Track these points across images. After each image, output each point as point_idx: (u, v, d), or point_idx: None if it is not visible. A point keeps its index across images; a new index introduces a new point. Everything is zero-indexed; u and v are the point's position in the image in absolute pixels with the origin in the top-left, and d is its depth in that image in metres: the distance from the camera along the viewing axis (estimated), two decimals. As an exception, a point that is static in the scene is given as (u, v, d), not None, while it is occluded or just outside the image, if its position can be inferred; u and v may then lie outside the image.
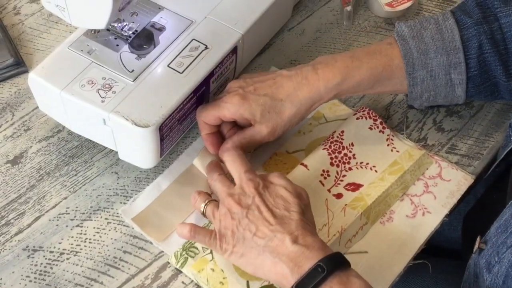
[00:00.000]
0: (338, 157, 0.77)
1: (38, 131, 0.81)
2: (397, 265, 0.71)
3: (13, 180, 0.77)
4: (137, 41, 0.75)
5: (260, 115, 0.73)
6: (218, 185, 0.70)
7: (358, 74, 0.74)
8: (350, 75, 0.74)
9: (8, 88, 0.85)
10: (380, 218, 0.74)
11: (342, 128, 0.79)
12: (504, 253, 0.64)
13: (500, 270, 0.64)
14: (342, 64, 0.74)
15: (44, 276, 0.70)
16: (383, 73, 0.74)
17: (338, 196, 0.75)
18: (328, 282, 0.60)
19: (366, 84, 0.75)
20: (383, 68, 0.74)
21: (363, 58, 0.74)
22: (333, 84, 0.73)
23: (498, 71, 0.74)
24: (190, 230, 0.69)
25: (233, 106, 0.72)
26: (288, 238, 0.63)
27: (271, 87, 0.74)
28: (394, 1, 0.91)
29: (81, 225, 0.74)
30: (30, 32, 0.90)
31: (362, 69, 0.74)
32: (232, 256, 0.66)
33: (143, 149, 0.72)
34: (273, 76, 0.75)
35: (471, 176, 0.77)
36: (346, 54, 0.76)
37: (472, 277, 0.70)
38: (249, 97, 0.73)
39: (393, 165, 0.77)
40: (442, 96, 0.76)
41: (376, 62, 0.74)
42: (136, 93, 0.71)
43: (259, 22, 0.80)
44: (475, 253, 0.70)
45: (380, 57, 0.75)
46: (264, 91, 0.73)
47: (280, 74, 0.75)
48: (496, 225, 0.68)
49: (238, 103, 0.72)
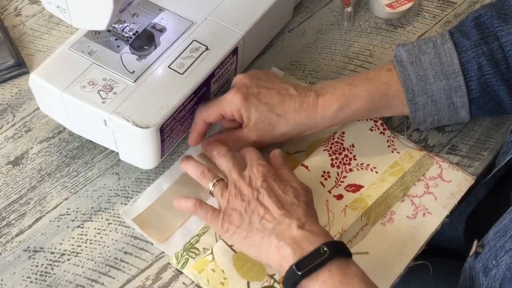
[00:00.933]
0: (338, 158, 0.77)
1: (39, 132, 0.81)
2: (398, 265, 0.71)
3: (14, 181, 0.77)
4: (138, 42, 0.75)
5: (254, 122, 0.73)
6: (227, 162, 0.70)
7: (354, 103, 0.74)
8: (347, 103, 0.74)
9: (9, 89, 0.85)
10: (381, 219, 0.74)
11: (343, 130, 0.79)
12: (502, 257, 0.64)
13: (498, 273, 0.64)
14: (340, 92, 0.74)
15: (45, 277, 0.70)
16: (380, 101, 0.75)
17: (338, 197, 0.75)
18: (328, 265, 0.60)
19: (363, 112, 0.75)
20: (380, 96, 0.75)
21: (361, 86, 0.74)
22: (330, 113, 0.74)
23: (501, 91, 0.74)
24: (194, 203, 0.69)
25: (234, 104, 0.73)
26: (295, 223, 0.64)
27: (273, 98, 0.74)
28: (395, 2, 0.91)
29: (82, 226, 0.74)
30: (31, 33, 0.90)
31: (359, 98, 0.74)
32: (235, 236, 0.66)
33: (144, 150, 0.72)
34: (279, 88, 0.75)
35: (472, 177, 0.77)
36: (345, 81, 0.76)
37: (467, 281, 0.70)
38: (251, 100, 0.73)
39: (393, 166, 0.77)
40: (446, 119, 0.76)
41: (374, 90, 0.74)
42: (137, 94, 0.71)
43: (260, 23, 0.80)
44: (471, 256, 0.70)
45: (378, 84, 0.75)
46: (266, 100, 0.73)
47: (287, 90, 0.75)
48: (494, 230, 0.68)
49: (239, 102, 0.73)
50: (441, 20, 0.93)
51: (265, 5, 0.81)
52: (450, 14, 0.94)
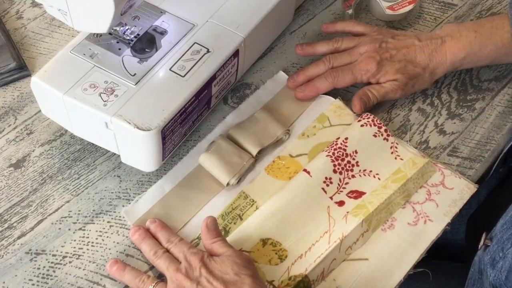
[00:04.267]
0: (341, 164, 0.77)
1: (40, 134, 0.81)
2: (398, 273, 0.70)
3: (16, 183, 0.77)
4: (139, 44, 0.75)
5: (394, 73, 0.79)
6: (164, 262, 0.67)
7: (479, 51, 0.78)
8: (472, 51, 0.78)
9: (10, 92, 0.85)
10: (382, 226, 0.74)
11: (346, 135, 0.79)
12: (509, 248, 0.64)
13: (504, 265, 0.64)
14: (466, 39, 0.79)
15: (46, 279, 0.70)
16: (502, 49, 0.78)
17: (340, 203, 0.75)
18: None
19: (485, 59, 0.80)
20: (502, 45, 0.78)
21: (486, 33, 0.78)
22: (457, 60, 0.79)
23: None
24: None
25: (369, 72, 0.79)
26: None
27: (405, 55, 0.80)
28: (396, 4, 0.91)
29: (83, 228, 0.74)
30: (32, 36, 0.90)
31: (484, 46, 0.78)
32: None
33: (145, 152, 0.72)
34: (406, 45, 0.81)
35: (474, 185, 0.77)
36: (470, 27, 0.80)
37: (476, 274, 0.70)
38: (385, 64, 0.79)
39: (396, 173, 0.77)
40: None
41: (497, 39, 0.78)
42: (138, 97, 0.71)
43: (261, 26, 0.80)
44: (480, 249, 0.70)
45: (502, 32, 0.78)
46: (399, 58, 0.80)
47: (413, 43, 0.81)
48: (501, 222, 0.68)
49: (375, 69, 0.79)
50: (442, 22, 0.93)
51: (266, 8, 0.81)
52: (451, 16, 0.94)
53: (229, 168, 0.76)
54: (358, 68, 0.80)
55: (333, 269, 0.71)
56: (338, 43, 0.84)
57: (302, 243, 0.72)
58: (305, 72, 0.83)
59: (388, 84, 0.80)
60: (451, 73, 0.88)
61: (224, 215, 0.74)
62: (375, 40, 0.82)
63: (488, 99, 0.86)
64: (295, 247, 0.71)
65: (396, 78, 0.80)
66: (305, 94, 0.82)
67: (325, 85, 0.81)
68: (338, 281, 0.70)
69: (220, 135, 0.79)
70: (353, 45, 0.83)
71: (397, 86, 0.80)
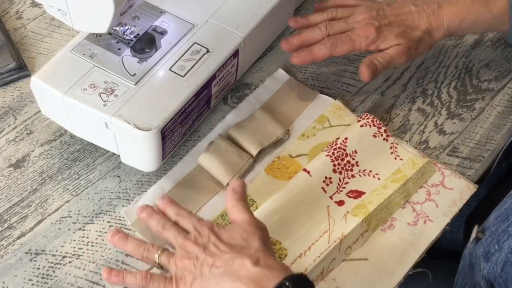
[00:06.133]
0: (341, 164, 0.77)
1: (40, 134, 0.81)
2: (397, 273, 0.70)
3: (15, 183, 0.77)
4: (139, 44, 0.75)
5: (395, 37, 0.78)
6: (172, 232, 0.67)
7: (475, 18, 0.78)
8: (468, 17, 0.78)
9: (10, 92, 0.85)
10: (381, 225, 0.74)
11: (345, 135, 0.79)
12: (505, 241, 0.64)
13: (500, 257, 0.64)
14: (463, 5, 0.78)
15: (46, 279, 0.70)
16: (498, 18, 0.78)
17: (340, 203, 0.75)
18: None
19: (480, 26, 0.80)
20: (498, 13, 0.78)
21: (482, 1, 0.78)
22: (454, 25, 0.79)
23: None
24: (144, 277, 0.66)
25: (368, 39, 0.77)
26: (248, 260, 0.60)
27: (403, 21, 0.79)
28: (395, 4, 0.91)
29: (83, 228, 0.74)
30: (32, 36, 0.90)
31: (480, 14, 0.78)
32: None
33: (145, 152, 0.72)
34: (403, 11, 0.80)
35: (474, 185, 0.77)
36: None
37: (467, 267, 0.70)
38: (384, 29, 0.78)
39: (396, 173, 0.77)
40: None
41: (493, 7, 0.78)
42: (138, 97, 0.71)
43: (261, 26, 0.80)
44: (472, 242, 0.69)
45: (498, 2, 0.78)
46: (398, 24, 0.79)
47: (410, 9, 0.80)
48: (495, 214, 0.67)
49: (375, 35, 0.77)
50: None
51: (266, 8, 0.81)
52: (451, 16, 0.94)
53: (229, 168, 0.76)
54: (357, 35, 0.78)
55: (333, 269, 0.71)
56: (334, 13, 0.82)
57: (301, 242, 0.72)
58: (300, 35, 0.81)
59: (391, 49, 0.78)
60: (451, 73, 0.88)
61: (224, 215, 0.74)
62: (371, 8, 0.80)
63: (488, 99, 0.86)
64: (295, 246, 0.72)
65: (398, 42, 0.78)
66: (301, 59, 0.79)
67: (323, 52, 0.79)
68: (337, 281, 0.70)
69: (220, 135, 0.79)
70: (349, 14, 0.81)
71: (401, 51, 0.78)
